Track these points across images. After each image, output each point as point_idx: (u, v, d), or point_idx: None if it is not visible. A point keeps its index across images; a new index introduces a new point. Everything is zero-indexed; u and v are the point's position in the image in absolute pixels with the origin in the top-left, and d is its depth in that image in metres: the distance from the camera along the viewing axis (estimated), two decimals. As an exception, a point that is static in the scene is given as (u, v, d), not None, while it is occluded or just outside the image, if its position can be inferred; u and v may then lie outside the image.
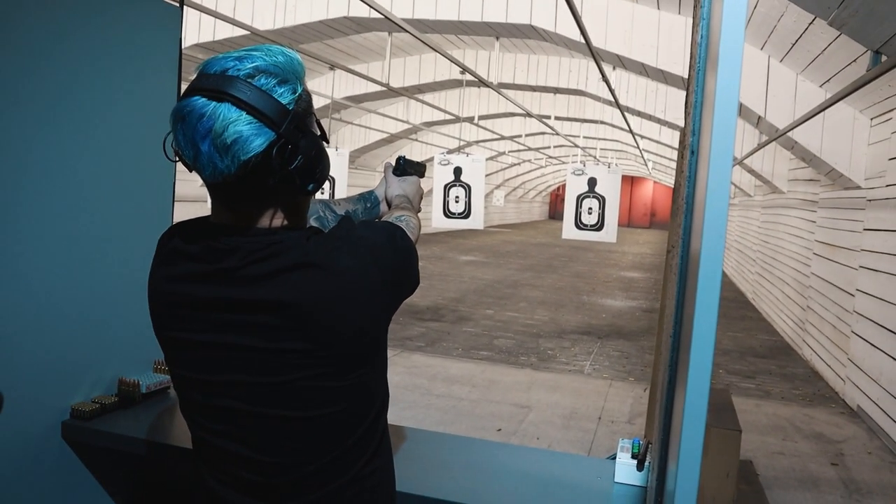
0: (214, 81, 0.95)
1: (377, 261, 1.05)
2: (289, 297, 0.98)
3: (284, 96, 0.97)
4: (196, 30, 7.57)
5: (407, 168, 1.65)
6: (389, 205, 1.59)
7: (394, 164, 1.65)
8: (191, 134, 0.94)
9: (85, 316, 1.94)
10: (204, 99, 0.94)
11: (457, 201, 6.20)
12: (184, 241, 1.07)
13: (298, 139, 0.99)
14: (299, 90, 1.00)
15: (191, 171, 1.03)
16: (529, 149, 18.61)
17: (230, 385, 1.04)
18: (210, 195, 1.06)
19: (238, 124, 0.93)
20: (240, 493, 1.09)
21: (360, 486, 1.11)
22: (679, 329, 0.99)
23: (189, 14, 6.54)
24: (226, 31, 7.46)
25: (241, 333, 1.01)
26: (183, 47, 2.14)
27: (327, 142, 1.11)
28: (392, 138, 16.23)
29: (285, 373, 1.01)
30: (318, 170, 1.04)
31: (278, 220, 1.05)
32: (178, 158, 1.01)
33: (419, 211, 1.56)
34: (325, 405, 1.04)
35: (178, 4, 2.13)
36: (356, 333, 1.03)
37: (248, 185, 0.99)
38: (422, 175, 1.67)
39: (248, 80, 0.95)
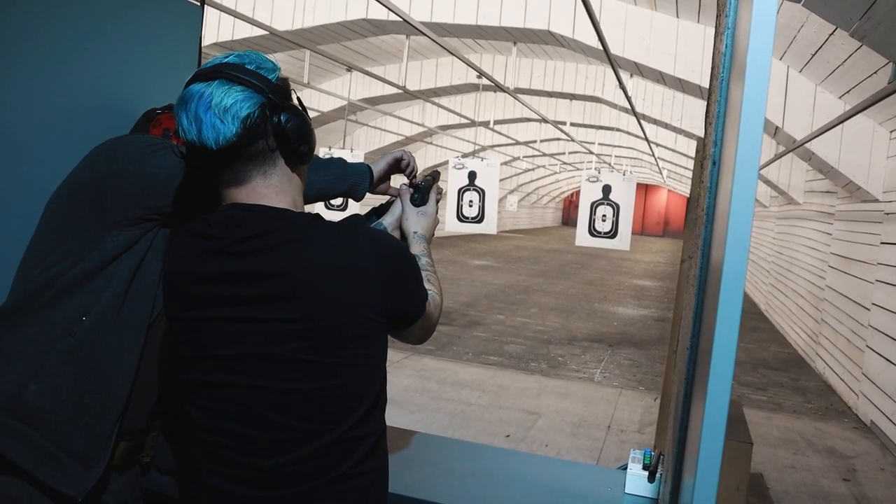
0: (206, 70, 1.11)
1: (375, 250, 1.12)
2: (283, 267, 1.08)
3: (265, 74, 1.12)
4: (216, 29, 7.62)
5: (427, 193, 1.44)
6: (403, 238, 1.52)
7: (412, 189, 1.43)
8: (193, 110, 1.07)
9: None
10: (200, 83, 1.09)
11: (470, 205, 6.20)
12: (194, 224, 1.16)
13: (285, 103, 1.12)
14: (276, 74, 1.14)
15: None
16: (544, 154, 18.61)
17: (232, 359, 1.10)
18: (219, 187, 1.14)
19: (232, 91, 1.08)
20: (231, 482, 1.11)
21: (348, 485, 1.12)
22: (697, 341, 0.97)
23: (209, 13, 6.58)
24: (245, 31, 7.51)
25: (242, 305, 1.09)
26: (202, 46, 2.15)
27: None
28: (407, 141, 16.25)
29: (279, 342, 1.08)
30: (308, 132, 1.15)
31: (283, 197, 1.14)
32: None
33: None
34: (316, 379, 1.09)
35: (198, 3, 2.14)
36: (337, 310, 1.09)
37: (251, 151, 1.10)
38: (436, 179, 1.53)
39: (234, 64, 1.11)
